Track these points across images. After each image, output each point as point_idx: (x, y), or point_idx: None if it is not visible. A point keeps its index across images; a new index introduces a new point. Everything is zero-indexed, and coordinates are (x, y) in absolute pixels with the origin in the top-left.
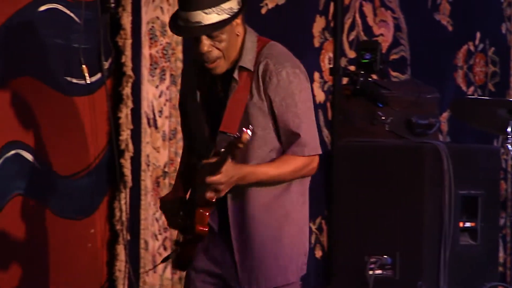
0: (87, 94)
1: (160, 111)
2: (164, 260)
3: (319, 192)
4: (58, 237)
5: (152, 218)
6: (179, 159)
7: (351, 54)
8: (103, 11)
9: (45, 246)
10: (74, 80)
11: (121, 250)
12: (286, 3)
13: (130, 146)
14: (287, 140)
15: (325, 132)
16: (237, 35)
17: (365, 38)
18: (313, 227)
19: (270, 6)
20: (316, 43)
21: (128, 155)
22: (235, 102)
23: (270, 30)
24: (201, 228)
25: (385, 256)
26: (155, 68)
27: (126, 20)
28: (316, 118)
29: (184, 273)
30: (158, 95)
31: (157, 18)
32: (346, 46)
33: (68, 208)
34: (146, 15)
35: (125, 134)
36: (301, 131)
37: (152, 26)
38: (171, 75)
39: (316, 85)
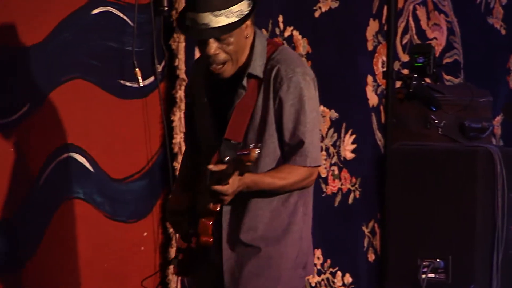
0: (140, 98)
1: None
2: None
3: (371, 196)
4: (111, 240)
5: None
6: None
7: (405, 58)
8: (156, 14)
9: (97, 249)
10: (128, 83)
11: (174, 253)
12: (339, 6)
13: (183, 149)
14: (290, 148)
15: (378, 135)
16: (246, 37)
17: (418, 41)
18: (366, 231)
19: (324, 9)
20: (370, 47)
21: (181, 158)
22: (241, 109)
23: (323, 34)
24: (206, 239)
25: (438, 260)
26: None
27: None
28: (370, 121)
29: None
30: None
31: None
32: (399, 49)
33: (121, 211)
34: None
35: (178, 137)
36: (305, 139)
37: None
38: None
39: (369, 89)
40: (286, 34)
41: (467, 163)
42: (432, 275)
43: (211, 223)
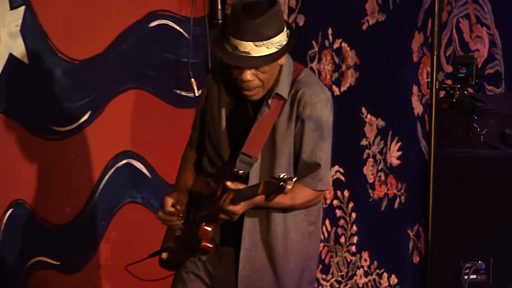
0: (195, 107)
1: None
2: (152, 255)
3: (416, 200)
4: None
5: None
6: None
7: (448, 69)
8: (210, 27)
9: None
10: (183, 93)
11: None
12: (386, 19)
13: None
14: (305, 170)
15: (423, 142)
16: (279, 65)
17: (461, 53)
18: (411, 234)
19: (371, 22)
20: (415, 58)
21: None
22: (262, 126)
23: (370, 45)
24: (207, 244)
25: (480, 262)
26: None
27: None
28: (415, 129)
29: None
30: None
31: None
32: (443, 60)
33: None
34: None
35: None
36: (322, 163)
37: None
38: None
39: (414, 98)
40: (335, 46)
41: (507, 169)
42: (474, 276)
43: (211, 229)
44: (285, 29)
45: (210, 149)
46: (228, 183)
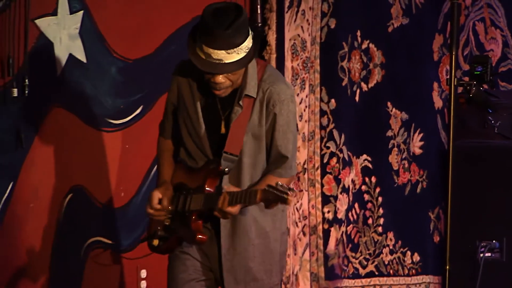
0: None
1: (301, 116)
2: (143, 240)
3: (436, 186)
4: None
5: (293, 208)
6: (316, 158)
7: (465, 67)
8: (251, 30)
9: None
10: None
11: None
12: (409, 23)
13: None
14: (276, 160)
15: (443, 134)
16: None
17: (477, 53)
18: (432, 216)
19: (396, 25)
20: (435, 57)
21: None
22: (238, 125)
23: (395, 46)
24: (202, 237)
25: (494, 241)
26: (296, 79)
27: (271, 37)
28: (435, 122)
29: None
30: (299, 102)
31: (298, 35)
32: (461, 60)
33: None
34: (289, 32)
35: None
36: (289, 155)
37: (294, 43)
38: (310, 84)
39: (435, 94)
40: (363, 46)
41: None
42: (489, 254)
43: (201, 221)
44: (250, 32)
45: (190, 144)
46: (225, 186)
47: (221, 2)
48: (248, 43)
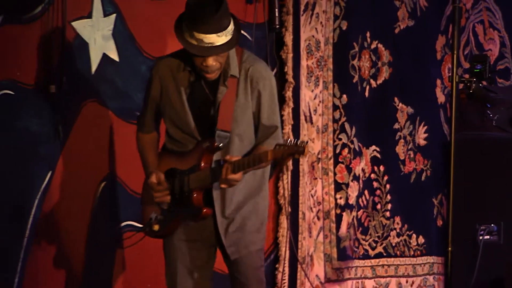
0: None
1: (315, 110)
2: (145, 228)
3: (439, 174)
4: None
5: (308, 194)
6: (330, 148)
7: (466, 65)
8: (270, 31)
9: None
10: None
11: (283, 220)
12: (414, 24)
13: (291, 138)
14: (265, 132)
15: (445, 126)
16: None
17: (477, 52)
18: (435, 202)
19: (402, 27)
20: (438, 56)
21: None
22: (226, 104)
23: (401, 46)
24: (207, 210)
25: (492, 225)
26: (311, 76)
27: (288, 38)
28: (438, 116)
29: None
30: (313, 97)
31: (313, 36)
32: (462, 58)
33: None
34: (304, 34)
35: (287, 128)
36: (277, 124)
37: (309, 43)
38: (323, 81)
39: (438, 90)
40: (372, 46)
41: None
42: (488, 237)
43: (201, 196)
44: (231, 15)
45: (175, 131)
46: (227, 157)
47: None
48: (231, 25)
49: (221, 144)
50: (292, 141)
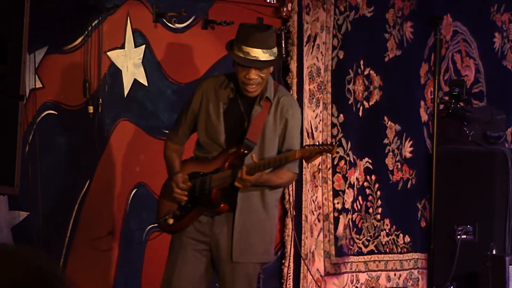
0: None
1: (316, 127)
2: (160, 221)
3: (423, 182)
4: None
5: (310, 199)
6: (328, 160)
7: (446, 89)
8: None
9: None
10: None
11: (289, 222)
12: (401, 54)
13: None
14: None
15: (428, 141)
16: (270, 72)
17: (455, 77)
18: (420, 206)
19: (391, 56)
20: (422, 81)
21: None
22: (257, 120)
23: (391, 72)
24: (224, 206)
25: (468, 226)
26: (312, 98)
27: (293, 66)
28: (422, 132)
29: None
30: (315, 116)
31: (314, 64)
32: (442, 83)
33: None
34: (307, 62)
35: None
36: (297, 149)
37: (311, 70)
38: (323, 103)
39: (422, 110)
40: (365, 72)
41: (488, 160)
42: (464, 236)
43: (219, 194)
44: (276, 43)
45: (205, 138)
46: (252, 156)
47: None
48: (275, 49)
49: (246, 152)
50: (319, 143)
